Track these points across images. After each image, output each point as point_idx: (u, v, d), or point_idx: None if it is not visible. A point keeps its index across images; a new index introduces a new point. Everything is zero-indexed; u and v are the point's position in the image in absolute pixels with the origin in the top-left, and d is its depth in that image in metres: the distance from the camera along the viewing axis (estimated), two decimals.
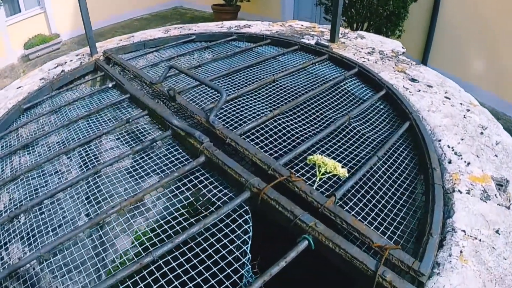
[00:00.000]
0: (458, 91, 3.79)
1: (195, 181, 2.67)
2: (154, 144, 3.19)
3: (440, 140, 2.98)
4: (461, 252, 2.21)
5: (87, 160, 3.02)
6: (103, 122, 3.55)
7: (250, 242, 2.27)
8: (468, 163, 2.79)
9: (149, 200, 2.66)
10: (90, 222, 2.27)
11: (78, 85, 4.19)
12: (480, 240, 2.28)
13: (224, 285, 1.92)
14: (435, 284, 2.08)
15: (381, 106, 3.49)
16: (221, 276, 2.03)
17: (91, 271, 2.12)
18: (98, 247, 2.27)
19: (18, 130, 3.73)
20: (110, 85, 3.93)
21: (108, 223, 2.43)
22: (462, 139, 3.01)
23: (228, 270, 2.08)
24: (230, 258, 2.18)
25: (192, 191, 2.63)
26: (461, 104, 3.54)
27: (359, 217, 2.38)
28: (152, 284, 1.97)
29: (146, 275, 2.01)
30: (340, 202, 2.48)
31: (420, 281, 2.11)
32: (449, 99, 3.59)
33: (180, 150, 3.05)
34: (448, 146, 2.92)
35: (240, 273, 2.07)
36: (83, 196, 2.64)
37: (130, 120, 3.45)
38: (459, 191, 2.56)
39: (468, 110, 3.44)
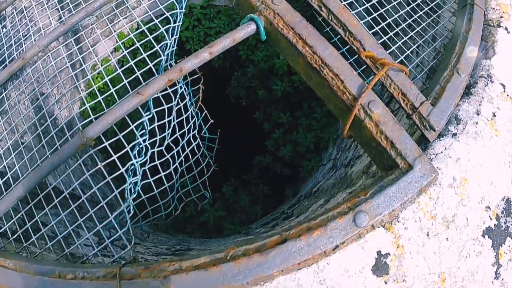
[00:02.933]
0: None
1: None
2: None
3: None
4: (494, 115, 1.35)
5: None
6: None
7: (178, 23, 1.71)
8: None
9: None
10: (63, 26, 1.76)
11: None
12: None
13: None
14: (446, 151, 1.22)
15: None
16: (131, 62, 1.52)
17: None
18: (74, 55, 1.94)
19: None
20: None
21: (85, 27, 2.08)
22: None
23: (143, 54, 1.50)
24: None
25: None
26: None
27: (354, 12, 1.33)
28: None
29: None
30: None
31: (425, 137, 1.19)
32: None
33: None
34: None
35: None
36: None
37: None
38: (506, 29, 1.62)
39: None
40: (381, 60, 1.19)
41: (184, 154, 1.85)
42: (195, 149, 1.96)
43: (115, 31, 1.81)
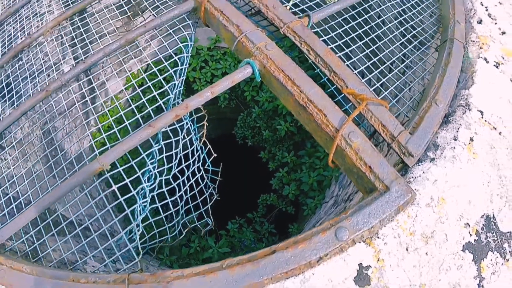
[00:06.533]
0: None
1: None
2: None
3: None
4: (471, 139, 1.53)
5: None
6: None
7: (185, 65, 1.95)
8: (503, 32, 2.02)
9: None
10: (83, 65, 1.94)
11: None
12: (500, 133, 1.62)
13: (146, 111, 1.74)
14: (424, 174, 1.40)
15: None
16: (144, 99, 1.74)
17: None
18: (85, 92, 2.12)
19: None
20: None
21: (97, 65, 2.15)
22: (500, 3, 2.21)
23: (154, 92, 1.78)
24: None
25: (132, 5, 2.25)
26: None
27: (340, 54, 1.56)
28: None
29: None
30: (318, 29, 1.64)
31: (405, 163, 1.39)
32: None
33: None
34: (481, 4, 2.13)
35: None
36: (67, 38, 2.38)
37: None
38: (485, 59, 1.82)
39: None
40: (360, 96, 1.40)
41: (189, 183, 2.07)
42: (199, 179, 2.18)
43: (126, 71, 2.05)
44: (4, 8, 2.75)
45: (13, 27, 2.59)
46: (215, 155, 2.18)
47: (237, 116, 5.09)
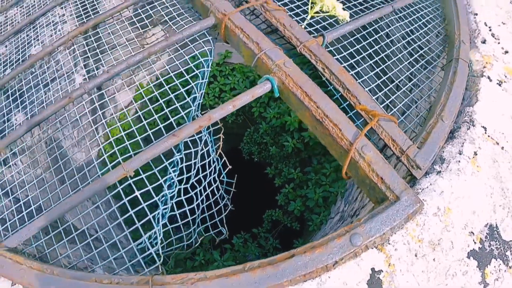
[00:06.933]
0: None
1: (159, 8, 2.35)
2: None
3: (476, 14, 2.30)
4: (475, 154, 1.63)
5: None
6: None
7: (205, 79, 2.05)
8: (506, 52, 2.14)
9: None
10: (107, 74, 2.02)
11: None
12: (503, 148, 1.73)
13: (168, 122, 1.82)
14: (431, 186, 1.50)
15: None
16: (166, 110, 1.84)
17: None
18: (95, 102, 2.13)
19: None
20: None
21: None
22: (504, 23, 2.32)
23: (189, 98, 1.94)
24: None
25: (153, 18, 2.36)
26: None
27: (352, 72, 1.67)
28: None
29: None
30: (331, 48, 1.76)
31: (413, 175, 1.49)
32: None
33: None
34: (485, 24, 2.24)
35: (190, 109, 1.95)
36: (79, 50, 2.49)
37: None
38: (488, 77, 1.93)
39: None
40: (372, 112, 1.51)
41: (205, 193, 2.18)
42: (215, 190, 2.28)
43: (149, 82, 2.15)
44: (24, 16, 2.87)
45: (27, 35, 2.69)
46: (230, 167, 2.28)
47: (243, 132, 5.16)
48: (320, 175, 4.15)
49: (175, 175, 1.92)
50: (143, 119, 1.83)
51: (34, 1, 2.89)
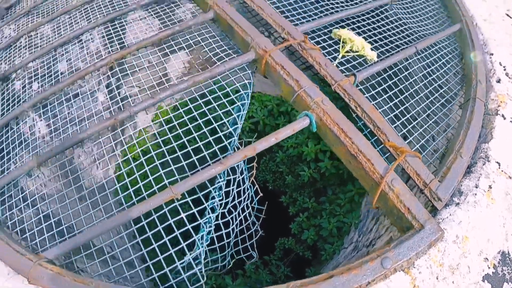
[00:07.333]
0: None
1: (198, 38, 2.51)
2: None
3: (492, 54, 2.50)
4: (490, 187, 1.83)
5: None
6: None
7: (245, 111, 2.18)
8: None
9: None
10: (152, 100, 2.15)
11: None
12: None
13: (212, 149, 1.95)
14: (451, 216, 1.70)
15: (431, 1, 2.93)
16: (210, 138, 1.98)
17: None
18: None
19: None
20: None
21: (130, 95, 2.46)
22: None
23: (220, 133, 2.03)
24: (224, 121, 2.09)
25: (193, 49, 2.51)
26: None
27: (379, 110, 1.88)
28: None
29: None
30: (361, 87, 1.97)
31: (435, 206, 1.69)
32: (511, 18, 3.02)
33: (190, 6, 2.82)
34: (500, 64, 2.44)
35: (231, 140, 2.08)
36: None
37: None
38: (503, 116, 2.13)
39: None
40: (401, 149, 1.71)
41: (240, 218, 2.37)
42: (247, 216, 2.48)
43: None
44: (54, 32, 2.99)
45: (55, 49, 2.82)
46: (261, 194, 2.47)
47: (259, 160, 5.12)
48: (335, 205, 4.21)
49: (218, 200, 2.12)
50: (188, 145, 1.97)
51: (65, 20, 3.04)
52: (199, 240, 1.96)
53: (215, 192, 2.10)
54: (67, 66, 2.75)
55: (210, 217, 2.08)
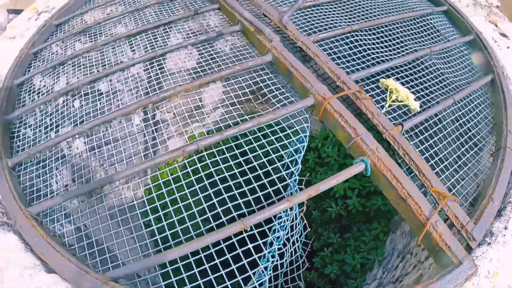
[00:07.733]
0: None
1: (257, 79, 2.69)
2: (221, 37, 3.06)
3: None
4: None
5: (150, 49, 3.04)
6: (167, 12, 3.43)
7: (302, 153, 2.34)
8: None
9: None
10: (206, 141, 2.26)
11: None
12: None
13: (267, 191, 2.12)
14: (483, 254, 2.00)
15: (465, 51, 3.31)
16: (264, 180, 2.15)
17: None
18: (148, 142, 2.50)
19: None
20: None
21: (163, 120, 2.68)
22: None
23: (274, 176, 2.20)
24: (279, 164, 2.24)
25: (252, 89, 2.70)
26: None
27: (422, 157, 2.20)
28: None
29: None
30: (406, 136, 2.27)
31: (469, 245, 2.00)
32: None
33: (247, 47, 2.98)
34: None
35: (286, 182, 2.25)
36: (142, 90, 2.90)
37: (198, 12, 3.29)
38: None
39: None
40: (443, 194, 2.03)
41: (290, 251, 2.63)
42: (297, 248, 2.76)
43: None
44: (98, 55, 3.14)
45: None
46: (309, 229, 2.77)
47: None
48: (360, 242, 4.35)
49: (283, 234, 2.43)
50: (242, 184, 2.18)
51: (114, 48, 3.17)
52: (264, 270, 2.27)
53: (279, 225, 2.41)
54: (110, 87, 2.99)
55: (274, 248, 2.38)
